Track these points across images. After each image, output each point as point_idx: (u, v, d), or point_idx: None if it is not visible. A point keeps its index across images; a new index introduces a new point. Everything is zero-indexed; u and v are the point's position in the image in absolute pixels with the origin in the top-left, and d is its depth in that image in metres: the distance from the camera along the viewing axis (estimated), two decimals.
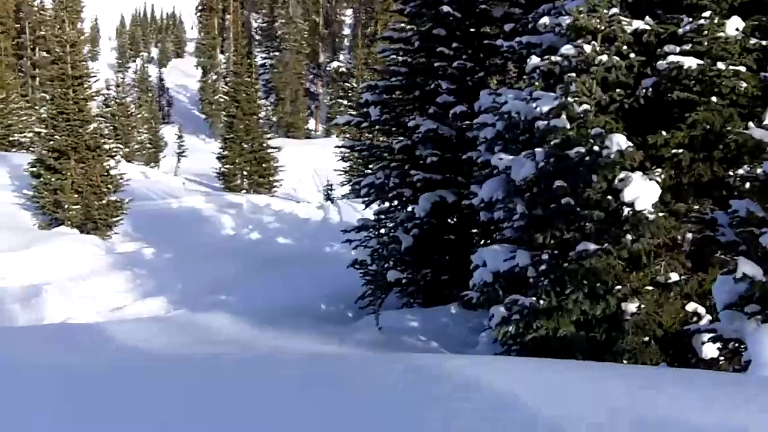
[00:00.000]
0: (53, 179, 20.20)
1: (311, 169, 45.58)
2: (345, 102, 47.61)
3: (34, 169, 20.81)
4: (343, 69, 62.44)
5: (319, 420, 3.75)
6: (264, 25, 70.98)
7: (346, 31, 75.19)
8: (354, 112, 32.73)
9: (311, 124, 65.00)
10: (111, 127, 34.67)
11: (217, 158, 36.27)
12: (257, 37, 71.85)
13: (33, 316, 12.45)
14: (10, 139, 32.72)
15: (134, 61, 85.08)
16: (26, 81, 44.24)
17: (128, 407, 4.35)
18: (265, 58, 65.46)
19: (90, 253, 17.25)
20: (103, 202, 20.46)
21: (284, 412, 3.95)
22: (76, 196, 20.16)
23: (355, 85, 43.38)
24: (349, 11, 76.29)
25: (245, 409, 4.03)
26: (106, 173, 20.85)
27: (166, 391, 4.69)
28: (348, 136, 36.12)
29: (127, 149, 38.84)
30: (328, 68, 66.81)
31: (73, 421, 4.20)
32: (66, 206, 20.05)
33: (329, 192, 35.89)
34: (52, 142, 20.35)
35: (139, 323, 11.06)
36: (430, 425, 3.42)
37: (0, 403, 4.58)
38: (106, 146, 21.34)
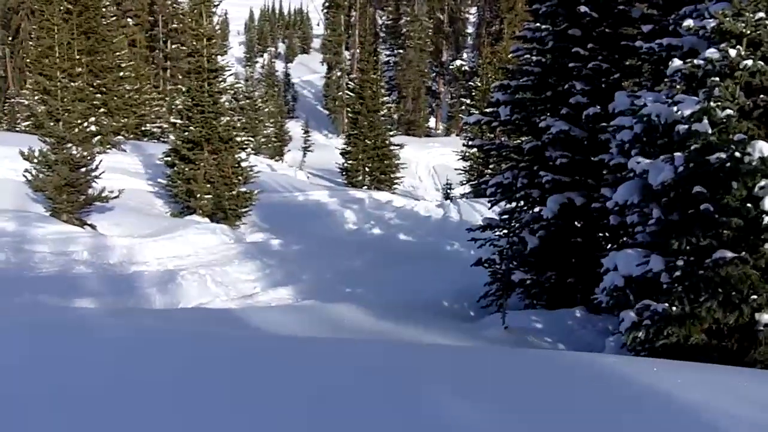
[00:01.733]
0: (187, 169, 20.79)
1: (430, 167, 45.84)
2: (467, 101, 47.48)
3: (169, 158, 21.47)
4: (466, 67, 62.36)
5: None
6: (389, 22, 71.56)
7: (470, 29, 74.88)
8: (477, 111, 32.82)
9: (432, 122, 65.24)
10: (242, 120, 35.83)
11: (341, 153, 36.95)
12: (382, 35, 72.58)
13: (169, 300, 12.87)
14: (143, 129, 33.81)
15: (261, 56, 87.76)
16: (158, 72, 45.84)
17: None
18: (389, 56, 65.95)
19: (220, 242, 17.80)
20: (234, 192, 20.96)
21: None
22: (208, 186, 20.70)
23: (479, 84, 43.16)
24: (474, 9, 75.96)
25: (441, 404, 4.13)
26: (237, 165, 21.36)
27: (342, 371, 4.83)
28: (468, 135, 36.14)
29: (254, 142, 39.90)
30: (450, 66, 66.81)
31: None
32: (198, 196, 20.64)
33: (448, 190, 36.03)
34: (186, 133, 20.86)
35: (271, 310, 11.47)
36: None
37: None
38: (238, 138, 21.78)
